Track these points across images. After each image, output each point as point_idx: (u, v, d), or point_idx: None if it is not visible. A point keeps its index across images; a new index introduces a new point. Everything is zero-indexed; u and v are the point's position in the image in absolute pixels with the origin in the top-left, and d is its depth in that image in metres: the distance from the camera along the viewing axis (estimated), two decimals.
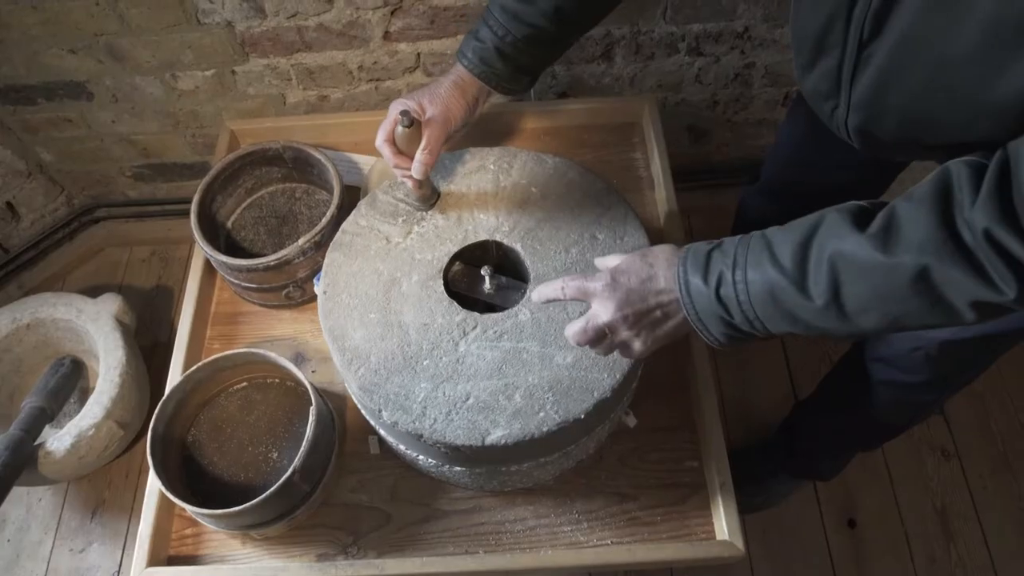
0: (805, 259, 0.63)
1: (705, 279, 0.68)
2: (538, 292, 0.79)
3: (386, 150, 0.90)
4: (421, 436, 0.81)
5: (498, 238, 0.94)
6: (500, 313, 0.88)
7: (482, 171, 1.01)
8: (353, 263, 0.93)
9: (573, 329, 0.76)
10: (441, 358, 0.85)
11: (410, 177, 0.91)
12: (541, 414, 0.81)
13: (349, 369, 0.85)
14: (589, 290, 0.74)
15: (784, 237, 0.65)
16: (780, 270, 0.63)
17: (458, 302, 0.89)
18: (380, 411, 0.83)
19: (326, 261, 0.94)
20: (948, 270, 0.56)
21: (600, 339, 0.75)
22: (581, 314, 0.77)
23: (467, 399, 0.82)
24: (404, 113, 0.86)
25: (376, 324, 0.88)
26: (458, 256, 0.94)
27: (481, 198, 0.98)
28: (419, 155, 0.88)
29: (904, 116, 0.65)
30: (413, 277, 0.91)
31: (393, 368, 0.85)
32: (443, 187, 0.99)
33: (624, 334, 0.74)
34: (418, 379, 0.84)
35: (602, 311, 0.73)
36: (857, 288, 0.60)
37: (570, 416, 0.81)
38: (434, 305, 0.89)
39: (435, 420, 0.81)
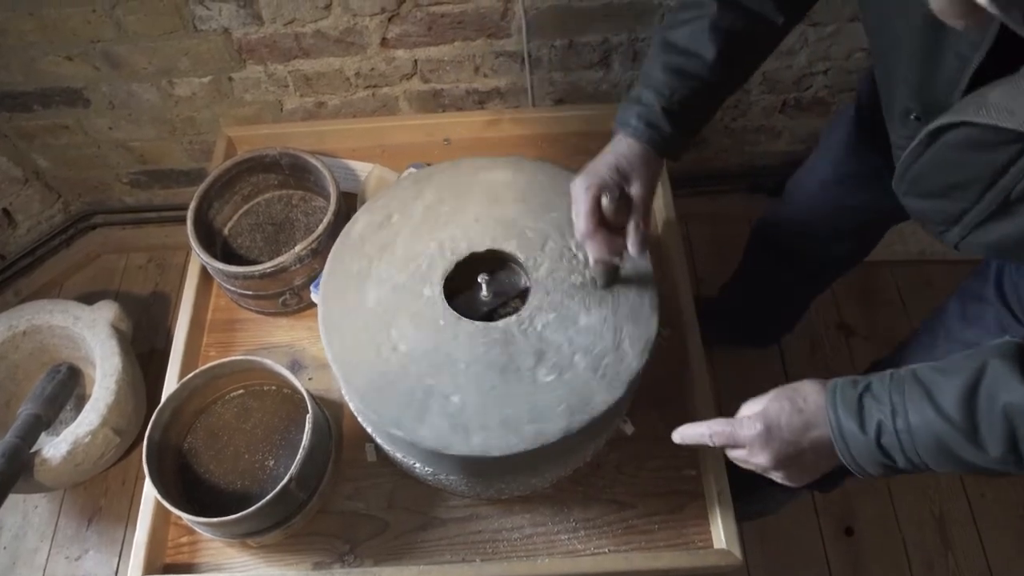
0: (974, 411, 0.61)
1: (862, 427, 0.66)
2: (681, 434, 0.78)
3: (597, 238, 0.80)
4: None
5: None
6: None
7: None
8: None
9: (733, 455, 0.76)
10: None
11: (617, 263, 0.84)
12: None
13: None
14: (740, 439, 0.73)
15: (944, 384, 0.63)
16: (947, 420, 0.62)
17: (459, 312, 0.88)
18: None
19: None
20: None
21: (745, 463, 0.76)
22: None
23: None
24: (611, 189, 0.78)
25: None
26: (453, 269, 0.92)
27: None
28: (636, 230, 0.80)
29: None
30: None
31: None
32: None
33: (774, 474, 0.74)
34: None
35: (757, 457, 0.73)
36: None
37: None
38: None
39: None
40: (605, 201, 0.79)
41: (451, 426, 0.81)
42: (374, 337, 0.87)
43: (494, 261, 0.94)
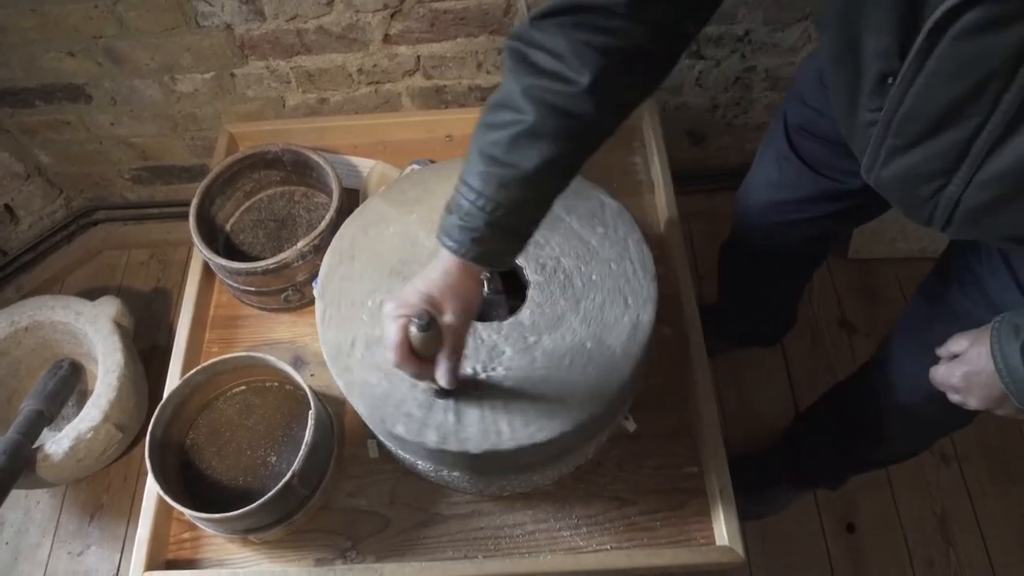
0: None
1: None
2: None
3: (407, 367, 0.74)
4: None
5: None
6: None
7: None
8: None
9: (953, 399, 0.79)
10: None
11: (438, 386, 0.79)
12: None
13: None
14: (949, 386, 0.78)
15: None
16: None
17: None
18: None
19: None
20: None
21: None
22: None
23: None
24: (420, 316, 0.71)
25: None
26: None
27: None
28: (446, 363, 0.75)
29: None
30: None
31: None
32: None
33: (998, 412, 0.76)
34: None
35: (969, 399, 0.76)
36: None
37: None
38: None
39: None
40: (413, 331, 0.72)
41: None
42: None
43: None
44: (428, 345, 0.73)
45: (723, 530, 0.95)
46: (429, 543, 0.98)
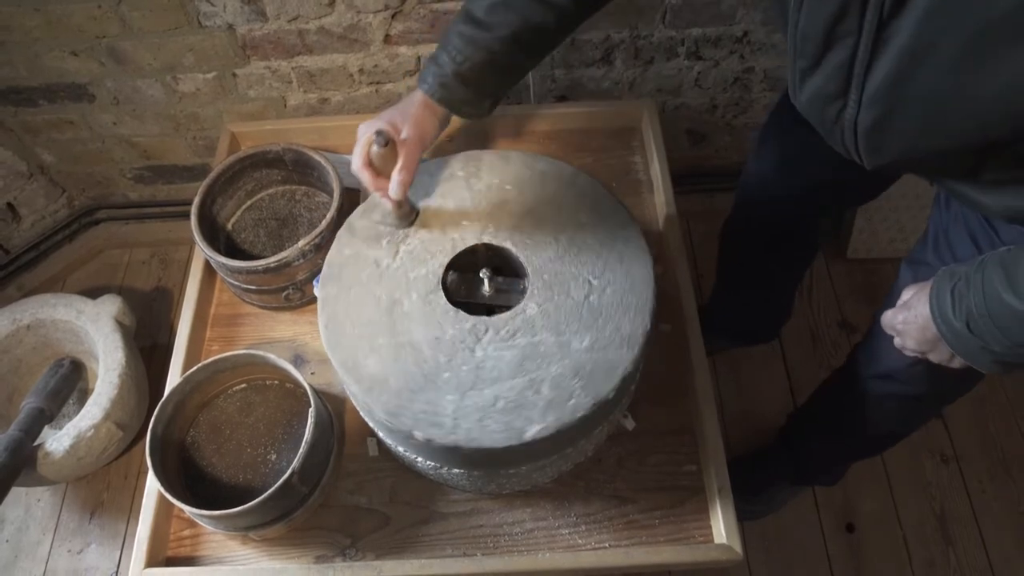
0: None
1: (955, 315, 0.70)
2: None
3: (365, 175, 0.89)
4: (458, 448, 0.80)
5: (486, 240, 0.94)
6: (508, 312, 0.88)
7: (452, 179, 1.00)
8: (348, 293, 0.91)
9: (896, 344, 0.84)
10: (460, 367, 0.84)
11: (389, 198, 0.90)
12: (572, 401, 0.81)
13: (371, 396, 0.84)
14: (892, 328, 0.83)
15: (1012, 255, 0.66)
16: (1019, 296, 0.64)
17: (462, 310, 0.89)
18: (412, 432, 0.81)
19: (320, 296, 0.92)
20: None
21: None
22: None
23: (496, 402, 0.82)
24: (379, 133, 0.85)
25: (387, 348, 0.87)
26: (451, 266, 0.93)
27: (459, 205, 0.97)
28: (396, 175, 0.88)
29: (930, 101, 0.60)
30: (412, 295, 0.90)
31: (415, 387, 0.84)
32: (419, 202, 0.98)
33: (932, 356, 0.79)
34: (442, 393, 0.83)
35: (907, 340, 0.81)
36: None
37: (600, 396, 0.81)
38: (440, 318, 0.88)
39: (469, 429, 0.80)
40: (373, 148, 0.86)
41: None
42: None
43: (489, 254, 0.95)
44: (385, 161, 0.87)
45: (722, 528, 0.95)
46: (428, 541, 0.99)
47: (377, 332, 0.88)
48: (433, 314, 0.88)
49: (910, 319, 0.79)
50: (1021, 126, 0.56)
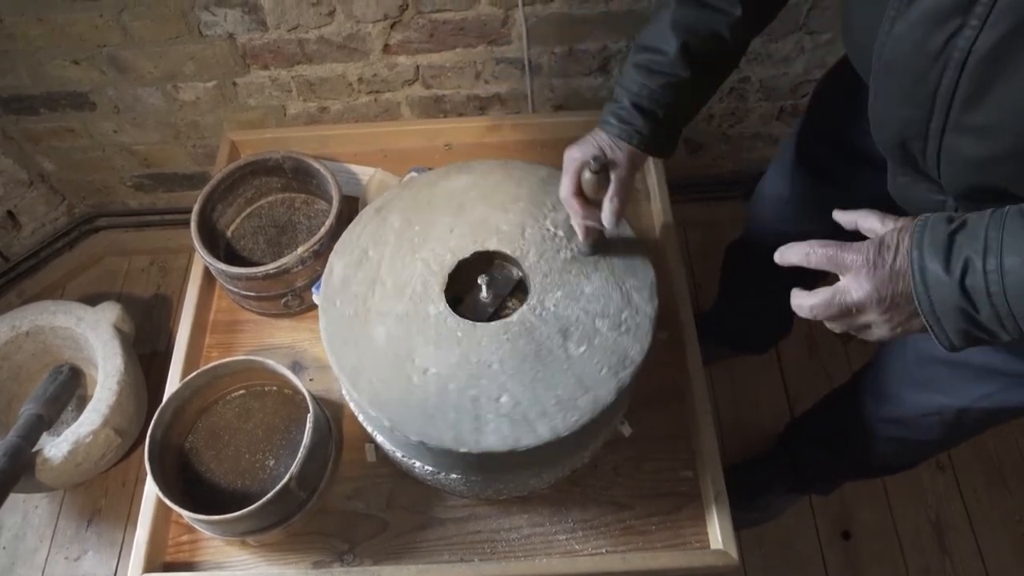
0: None
1: (947, 266, 0.57)
2: (780, 253, 0.71)
3: (574, 203, 0.85)
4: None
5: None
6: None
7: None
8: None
9: (811, 301, 0.67)
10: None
11: (595, 228, 0.87)
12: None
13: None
14: (842, 262, 0.65)
15: None
16: None
17: (463, 317, 0.89)
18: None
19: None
20: None
21: (843, 316, 0.66)
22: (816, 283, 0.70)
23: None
24: (596, 158, 0.81)
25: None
26: (451, 274, 0.93)
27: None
28: (609, 204, 0.84)
29: None
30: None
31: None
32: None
33: (872, 316, 0.64)
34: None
35: (854, 288, 0.63)
36: None
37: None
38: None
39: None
40: (586, 174, 0.83)
41: (512, 424, 0.81)
42: (400, 370, 0.86)
43: (483, 263, 0.95)
44: (596, 189, 0.84)
45: (718, 534, 0.96)
46: (426, 546, 0.99)
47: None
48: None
49: (879, 260, 0.62)
50: None
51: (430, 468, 0.92)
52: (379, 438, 0.96)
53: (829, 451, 1.25)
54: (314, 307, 1.18)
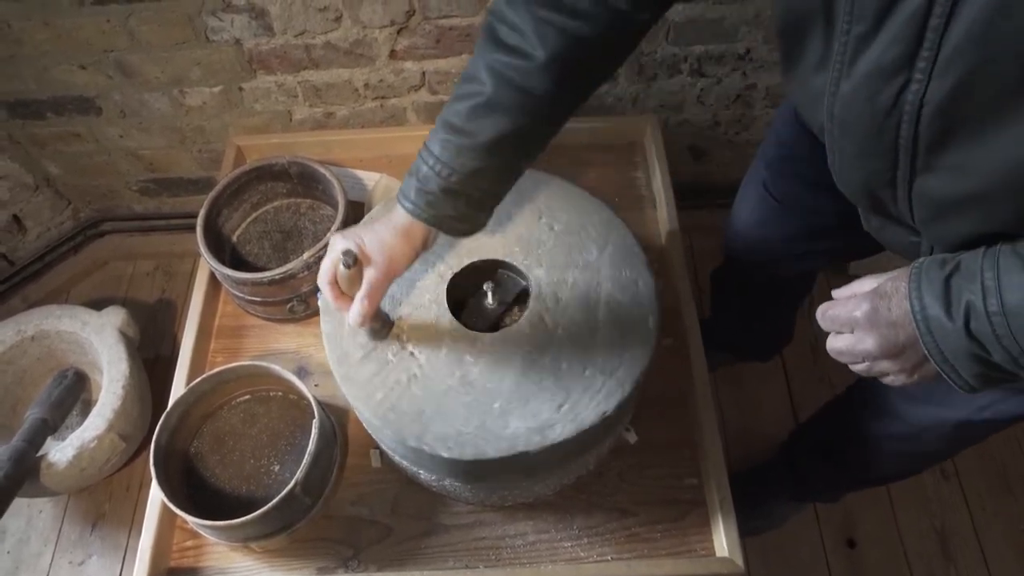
0: None
1: (949, 313, 0.56)
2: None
3: (327, 291, 0.81)
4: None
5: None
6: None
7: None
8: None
9: (836, 344, 0.68)
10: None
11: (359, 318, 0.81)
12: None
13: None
14: (846, 320, 0.66)
15: None
16: None
17: (466, 325, 0.90)
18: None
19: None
20: None
21: (862, 363, 0.67)
22: None
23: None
24: (347, 253, 0.77)
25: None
26: (456, 280, 0.93)
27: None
28: (358, 304, 0.79)
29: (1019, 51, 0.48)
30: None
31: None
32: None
33: (886, 365, 0.65)
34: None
35: (863, 340, 0.65)
36: None
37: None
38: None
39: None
40: (340, 268, 0.78)
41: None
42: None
43: (487, 271, 0.96)
44: (351, 282, 0.80)
45: (723, 541, 0.95)
46: (431, 553, 0.99)
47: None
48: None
49: (880, 313, 0.63)
50: None
51: (434, 475, 0.92)
52: (384, 444, 0.96)
53: (829, 460, 1.25)
54: (319, 312, 1.18)
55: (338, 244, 0.79)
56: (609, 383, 0.83)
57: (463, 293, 0.95)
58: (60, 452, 1.28)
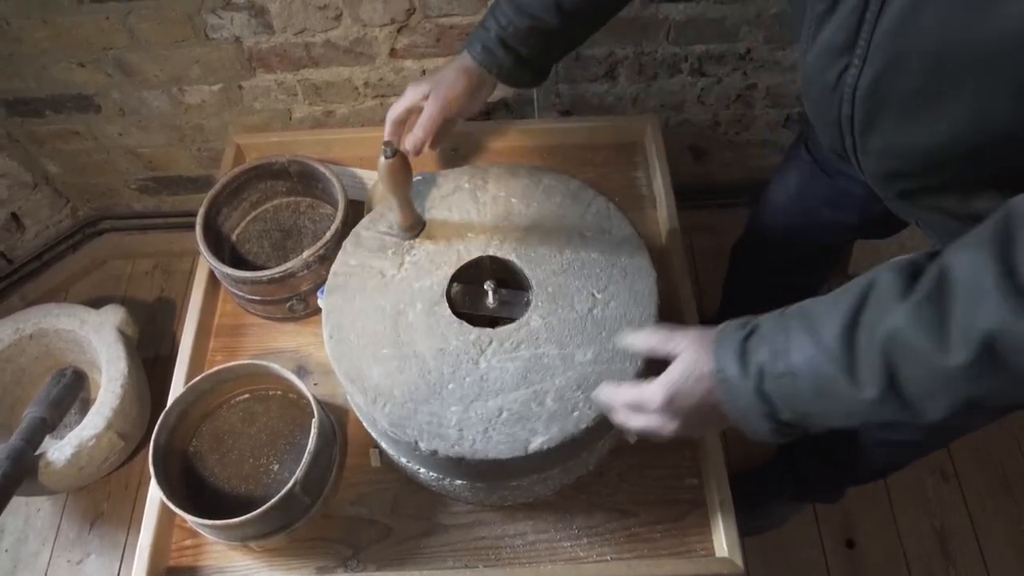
0: (853, 343, 0.54)
1: (744, 371, 0.60)
2: (594, 395, 0.78)
3: (389, 128, 0.97)
4: (463, 459, 0.81)
5: (491, 252, 0.95)
6: (511, 324, 0.89)
7: (459, 191, 1.01)
8: (353, 303, 0.92)
9: (637, 422, 0.73)
10: (464, 378, 0.85)
11: (396, 150, 0.88)
12: (576, 413, 0.81)
13: (375, 407, 0.84)
14: (643, 406, 0.71)
15: (830, 316, 0.56)
16: (826, 353, 0.55)
17: (466, 321, 0.90)
18: (416, 442, 0.82)
19: (325, 307, 0.93)
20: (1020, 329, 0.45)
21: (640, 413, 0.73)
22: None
23: (500, 413, 0.82)
24: (387, 144, 0.83)
25: (391, 358, 0.87)
26: (456, 277, 0.94)
27: (465, 217, 0.98)
28: (416, 130, 0.93)
29: (924, 53, 0.53)
30: (417, 306, 0.91)
31: (419, 398, 0.84)
32: (425, 213, 0.99)
33: (665, 426, 0.70)
34: (447, 404, 0.83)
35: (667, 427, 0.70)
36: (914, 371, 0.51)
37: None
38: (444, 329, 0.89)
39: (473, 441, 0.81)
40: (380, 158, 0.86)
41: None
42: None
43: (494, 267, 0.96)
44: (392, 171, 0.86)
45: (723, 542, 0.95)
46: (430, 552, 0.99)
47: (381, 343, 0.88)
48: (437, 325, 0.89)
49: (683, 373, 0.67)
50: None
51: (434, 474, 0.91)
52: (383, 443, 0.95)
53: (825, 455, 1.25)
54: (318, 311, 1.18)
55: (408, 92, 0.96)
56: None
57: (463, 292, 0.95)
58: (58, 451, 1.28)
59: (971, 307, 0.47)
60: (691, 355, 0.67)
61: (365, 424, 0.95)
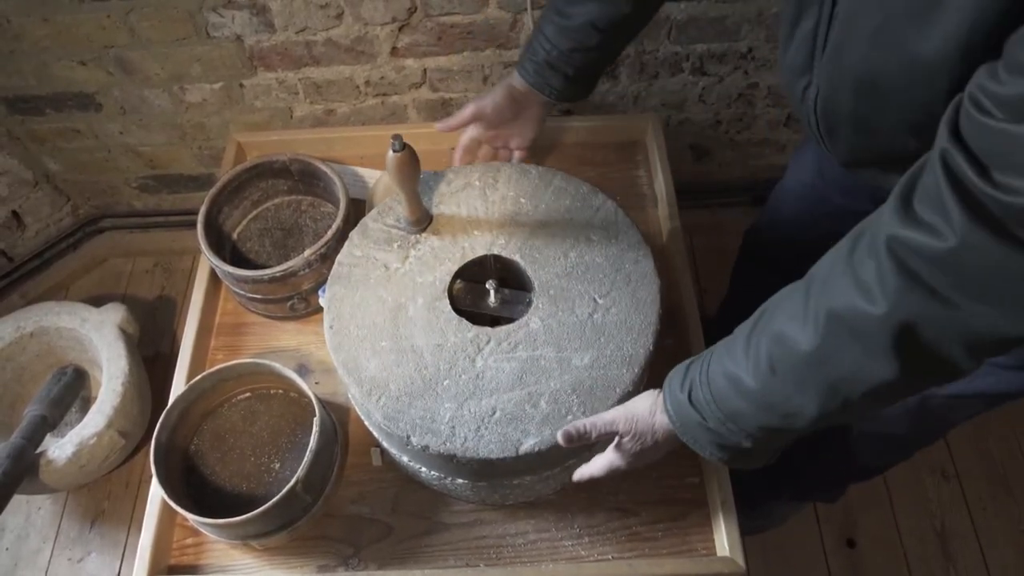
0: (749, 345, 0.63)
1: (681, 386, 0.69)
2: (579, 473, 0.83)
3: (444, 125, 1.08)
4: (454, 456, 0.81)
5: (496, 251, 0.95)
6: (511, 324, 0.89)
7: (468, 188, 1.01)
8: (355, 294, 0.92)
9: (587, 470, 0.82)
10: (460, 376, 0.85)
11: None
12: (569, 416, 0.82)
13: (370, 399, 0.84)
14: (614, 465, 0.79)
15: (742, 328, 0.65)
16: (734, 360, 0.64)
17: (466, 319, 0.90)
18: (408, 437, 0.82)
19: (327, 295, 0.93)
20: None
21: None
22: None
23: (493, 413, 0.82)
24: (396, 137, 0.87)
25: (389, 352, 0.87)
26: (459, 274, 0.94)
27: (472, 214, 0.98)
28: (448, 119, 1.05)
29: (856, 79, 0.60)
30: (418, 300, 0.91)
31: (414, 393, 0.84)
32: (433, 209, 0.99)
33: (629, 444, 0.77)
34: (441, 400, 0.84)
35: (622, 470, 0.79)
36: (785, 363, 0.60)
37: (612, 404, 0.82)
38: (444, 325, 0.89)
39: (465, 439, 0.81)
40: (389, 153, 0.87)
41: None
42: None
43: (498, 266, 0.96)
44: (401, 165, 0.87)
45: (724, 541, 0.95)
46: (431, 551, 0.99)
47: (381, 335, 0.89)
48: (437, 321, 0.89)
49: (637, 417, 0.75)
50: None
51: (435, 473, 0.92)
52: (380, 438, 0.95)
53: (822, 451, 1.25)
54: (320, 310, 1.18)
55: (467, 107, 1.05)
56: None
57: (465, 289, 0.95)
58: (59, 449, 1.28)
59: (823, 294, 0.56)
60: (647, 396, 0.76)
61: (361, 416, 0.95)
